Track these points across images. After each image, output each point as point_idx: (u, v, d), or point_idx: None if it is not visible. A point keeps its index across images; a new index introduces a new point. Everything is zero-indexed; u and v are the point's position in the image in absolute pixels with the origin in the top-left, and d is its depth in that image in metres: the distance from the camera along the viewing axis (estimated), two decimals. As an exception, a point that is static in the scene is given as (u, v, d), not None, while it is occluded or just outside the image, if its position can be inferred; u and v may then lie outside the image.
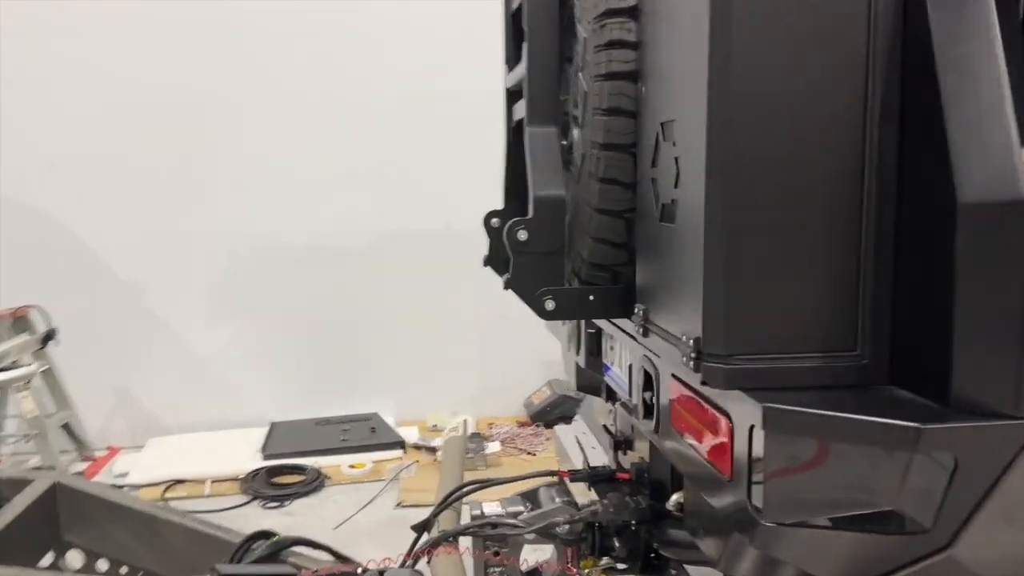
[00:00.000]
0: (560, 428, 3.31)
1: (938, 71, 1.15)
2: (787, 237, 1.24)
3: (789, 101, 1.21)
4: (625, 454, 2.31)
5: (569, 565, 2.06)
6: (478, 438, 4.82)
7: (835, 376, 1.26)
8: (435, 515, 2.23)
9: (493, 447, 4.89)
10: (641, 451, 2.22)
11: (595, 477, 2.21)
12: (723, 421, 1.32)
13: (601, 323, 2.25)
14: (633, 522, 1.98)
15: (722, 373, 1.24)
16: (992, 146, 1.11)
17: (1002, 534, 1.19)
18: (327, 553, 2.14)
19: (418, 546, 2.06)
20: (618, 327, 1.99)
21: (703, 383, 1.27)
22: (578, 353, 2.46)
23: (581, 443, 3.03)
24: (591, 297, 1.82)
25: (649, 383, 1.75)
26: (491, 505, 2.14)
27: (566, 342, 2.58)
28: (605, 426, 2.63)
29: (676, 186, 1.37)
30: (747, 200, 1.22)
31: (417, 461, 4.84)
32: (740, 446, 1.26)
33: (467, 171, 3.92)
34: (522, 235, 1.76)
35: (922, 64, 1.18)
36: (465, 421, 3.14)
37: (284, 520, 4.26)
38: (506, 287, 1.82)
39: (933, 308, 1.17)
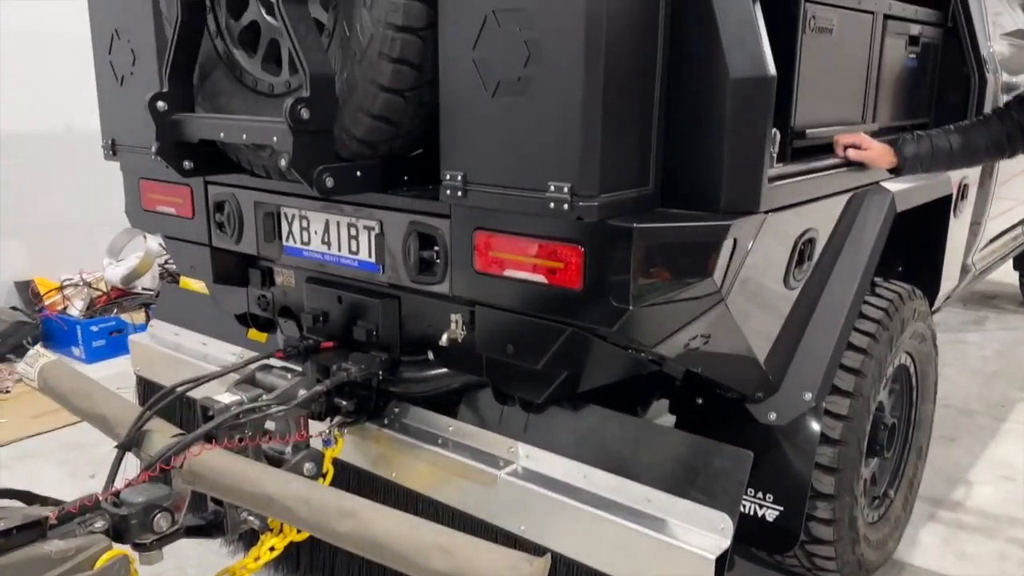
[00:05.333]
0: (137, 337, 3.10)
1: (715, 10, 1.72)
2: (622, 108, 1.69)
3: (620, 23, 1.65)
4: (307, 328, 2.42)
5: (301, 432, 2.19)
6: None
7: (641, 203, 1.79)
8: (139, 427, 2.08)
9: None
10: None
11: (308, 350, 2.31)
12: (574, 249, 1.73)
13: (289, 208, 2.32)
14: (381, 373, 2.21)
15: (595, 209, 1.66)
16: (747, 40, 1.73)
17: (749, 288, 1.90)
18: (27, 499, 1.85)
19: (161, 456, 1.92)
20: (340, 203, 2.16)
21: (578, 219, 1.66)
22: (238, 241, 2.45)
23: (183, 342, 2.96)
24: (358, 173, 1.96)
25: (428, 243, 2.01)
26: (227, 396, 2.09)
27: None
28: (251, 313, 2.66)
29: (526, 66, 1.67)
30: (607, 80, 1.63)
31: None
32: (599, 262, 1.70)
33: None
34: (305, 113, 1.80)
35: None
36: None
37: None
38: (289, 167, 1.83)
39: (703, 150, 1.78)
